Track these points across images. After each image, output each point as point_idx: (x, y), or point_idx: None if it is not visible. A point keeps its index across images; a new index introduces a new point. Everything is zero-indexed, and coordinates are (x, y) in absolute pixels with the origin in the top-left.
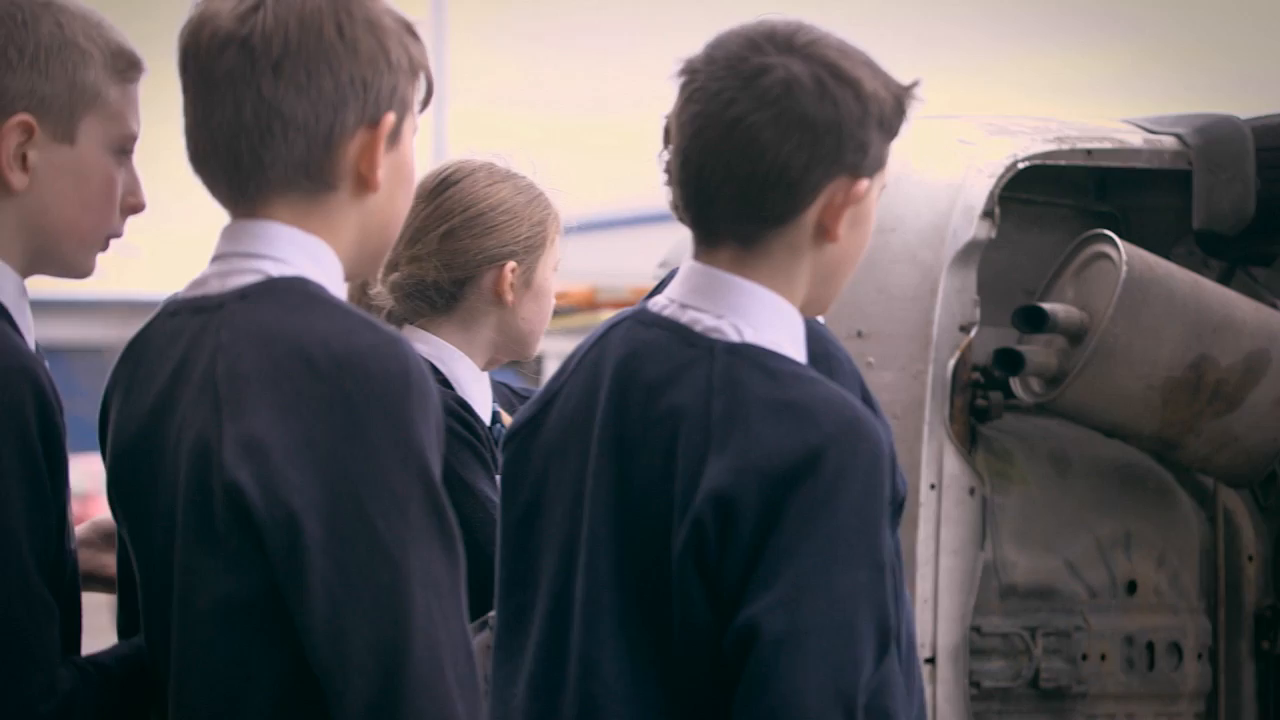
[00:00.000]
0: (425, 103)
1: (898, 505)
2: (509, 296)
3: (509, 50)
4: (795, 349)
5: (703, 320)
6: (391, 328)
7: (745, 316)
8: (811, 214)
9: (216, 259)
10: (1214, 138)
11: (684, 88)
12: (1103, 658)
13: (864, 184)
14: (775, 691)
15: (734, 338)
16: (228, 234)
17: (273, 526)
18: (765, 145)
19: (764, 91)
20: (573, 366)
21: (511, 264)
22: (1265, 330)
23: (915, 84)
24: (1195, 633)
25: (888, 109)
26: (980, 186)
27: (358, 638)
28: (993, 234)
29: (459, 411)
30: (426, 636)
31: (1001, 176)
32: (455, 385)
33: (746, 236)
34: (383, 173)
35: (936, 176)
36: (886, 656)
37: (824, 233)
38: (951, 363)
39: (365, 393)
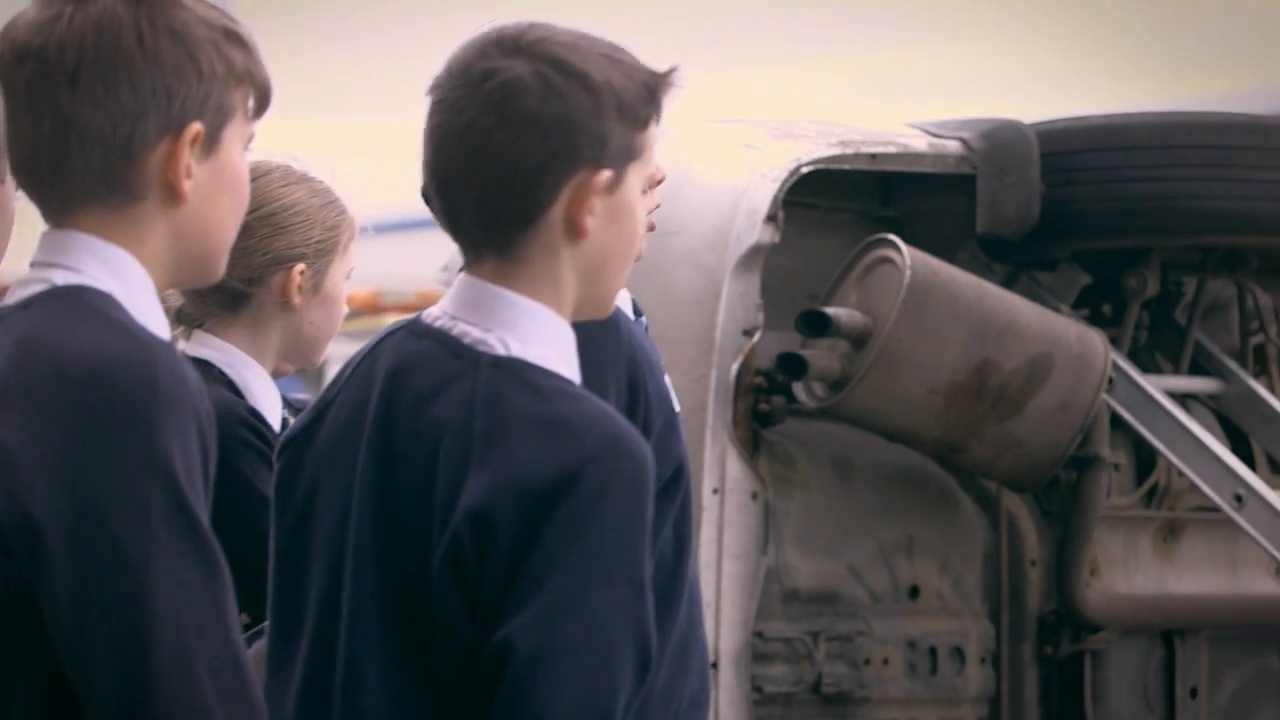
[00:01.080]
0: (259, 110)
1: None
2: (296, 299)
3: (293, 50)
4: (563, 362)
5: (471, 333)
6: (151, 335)
7: (512, 330)
8: (557, 212)
9: (30, 268)
10: (998, 142)
11: (429, 102)
12: (885, 662)
13: (605, 175)
14: (527, 711)
15: (500, 351)
16: (39, 244)
17: (15, 535)
18: (496, 148)
19: (488, 95)
20: (346, 376)
21: (301, 266)
22: (1049, 335)
23: (670, 70)
24: (978, 637)
25: (628, 98)
26: (763, 191)
27: (101, 647)
28: (776, 238)
29: (251, 422)
30: (174, 646)
31: (785, 181)
32: (246, 394)
33: (500, 244)
34: (194, 182)
35: (719, 180)
36: (649, 676)
37: (574, 229)
38: (734, 367)
39: (110, 401)
